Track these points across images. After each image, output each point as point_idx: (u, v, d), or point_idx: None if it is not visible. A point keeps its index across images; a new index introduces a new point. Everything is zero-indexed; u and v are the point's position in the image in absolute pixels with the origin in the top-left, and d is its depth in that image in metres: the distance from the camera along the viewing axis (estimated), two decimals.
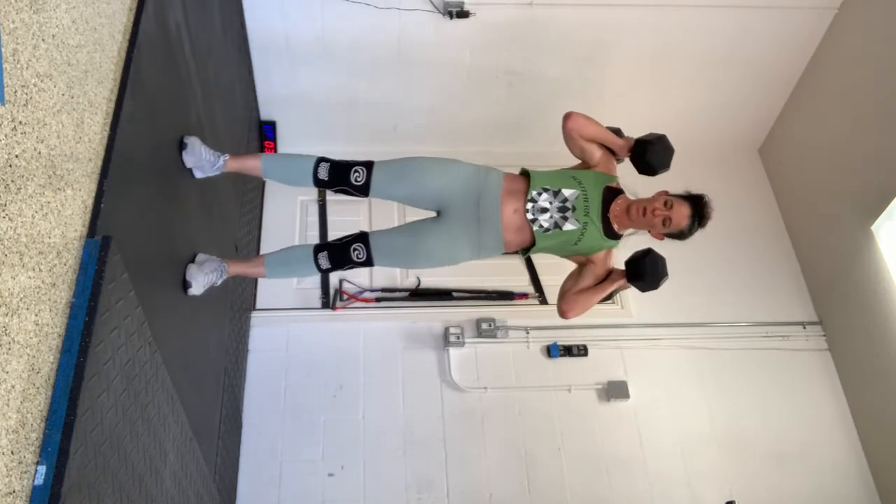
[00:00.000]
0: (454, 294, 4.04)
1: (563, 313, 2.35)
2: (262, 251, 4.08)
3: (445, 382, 3.81)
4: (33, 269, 1.38)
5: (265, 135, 4.28)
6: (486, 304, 4.07)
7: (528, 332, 3.94)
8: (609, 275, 2.41)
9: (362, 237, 2.41)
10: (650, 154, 2.34)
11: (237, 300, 3.51)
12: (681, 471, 3.70)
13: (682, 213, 2.29)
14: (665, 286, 4.29)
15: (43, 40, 1.44)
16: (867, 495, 3.75)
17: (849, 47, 3.93)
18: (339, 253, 2.40)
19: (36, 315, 1.39)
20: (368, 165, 2.34)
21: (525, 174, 2.38)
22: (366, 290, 4.05)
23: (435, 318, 3.94)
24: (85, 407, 1.49)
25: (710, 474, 3.71)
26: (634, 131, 5.10)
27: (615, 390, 3.81)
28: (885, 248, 3.61)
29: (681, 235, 2.36)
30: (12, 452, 1.29)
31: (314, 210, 4.32)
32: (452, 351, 3.85)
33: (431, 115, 4.35)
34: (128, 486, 1.80)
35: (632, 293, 4.17)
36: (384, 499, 3.51)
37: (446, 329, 3.87)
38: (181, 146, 2.40)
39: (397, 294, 4.06)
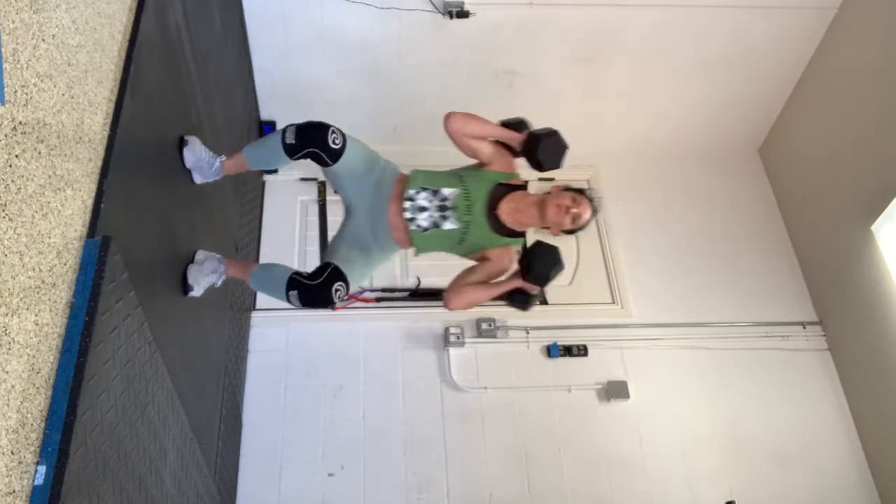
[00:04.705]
0: None
1: (445, 303, 2.29)
2: (262, 251, 4.09)
3: (445, 382, 3.81)
4: (33, 269, 1.38)
5: (265, 135, 4.27)
6: (487, 303, 4.05)
7: (528, 332, 3.94)
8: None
9: (339, 273, 2.21)
10: (540, 149, 2.27)
11: (237, 300, 3.51)
12: (681, 471, 3.70)
13: (586, 209, 2.27)
14: (667, 286, 4.32)
15: (43, 40, 1.44)
16: (867, 495, 3.75)
17: (849, 47, 3.93)
18: (315, 293, 2.18)
19: (36, 315, 1.39)
20: (342, 134, 2.22)
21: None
22: (366, 290, 4.05)
23: (435, 318, 3.94)
24: (85, 407, 1.49)
25: (710, 474, 3.71)
26: (635, 131, 5.12)
27: (615, 390, 3.81)
28: (885, 248, 3.61)
29: (576, 231, 2.31)
30: (12, 452, 1.29)
31: (314, 210, 4.32)
32: (452, 351, 3.85)
33: (431, 115, 4.32)
34: (128, 486, 1.80)
35: (632, 293, 4.18)
36: (384, 499, 3.51)
37: (446, 329, 3.87)
38: (181, 144, 2.40)
39: (397, 294, 4.06)
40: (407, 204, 2.26)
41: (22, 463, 1.33)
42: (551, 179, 4.61)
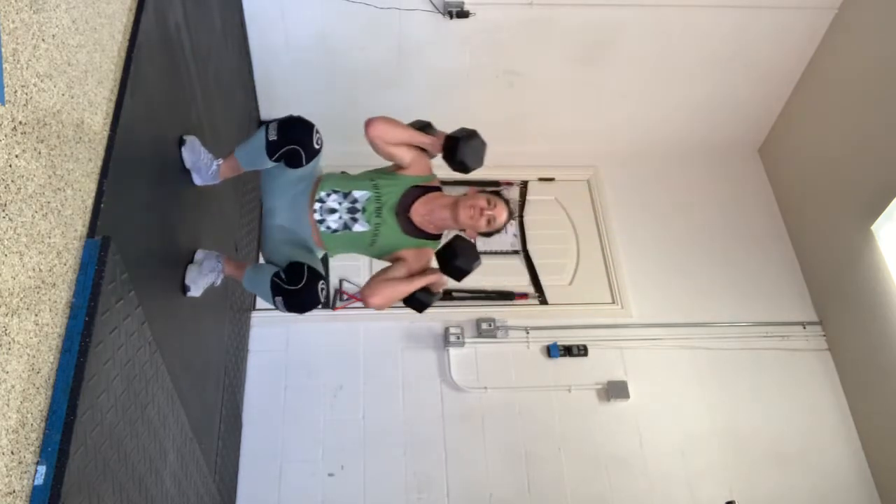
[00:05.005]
0: (454, 294, 4.04)
1: (364, 299, 2.22)
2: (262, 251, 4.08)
3: (445, 382, 3.81)
4: (33, 270, 1.38)
5: None
6: (486, 304, 4.07)
7: (528, 332, 3.94)
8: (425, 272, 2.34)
9: (316, 272, 2.17)
10: (461, 152, 2.23)
11: (237, 300, 3.51)
12: (681, 470, 3.70)
13: (502, 210, 2.25)
14: (667, 286, 4.32)
15: (43, 40, 1.44)
16: (867, 495, 3.75)
17: (849, 47, 3.93)
18: (298, 297, 2.12)
19: (36, 315, 1.39)
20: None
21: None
22: None
23: (435, 318, 3.94)
24: (85, 407, 1.49)
25: (710, 474, 3.71)
26: (635, 131, 5.12)
27: (615, 390, 3.81)
28: (885, 248, 3.61)
29: (493, 233, 2.29)
30: (12, 452, 1.29)
31: None
32: (452, 351, 3.85)
33: (431, 115, 4.32)
34: (128, 486, 1.80)
35: (632, 293, 4.18)
36: (384, 499, 3.51)
37: (446, 329, 3.87)
38: (181, 143, 2.40)
39: None
40: (317, 205, 2.27)
41: (22, 463, 1.33)
42: (552, 180, 4.63)
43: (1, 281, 1.27)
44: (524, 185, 4.50)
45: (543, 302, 4.13)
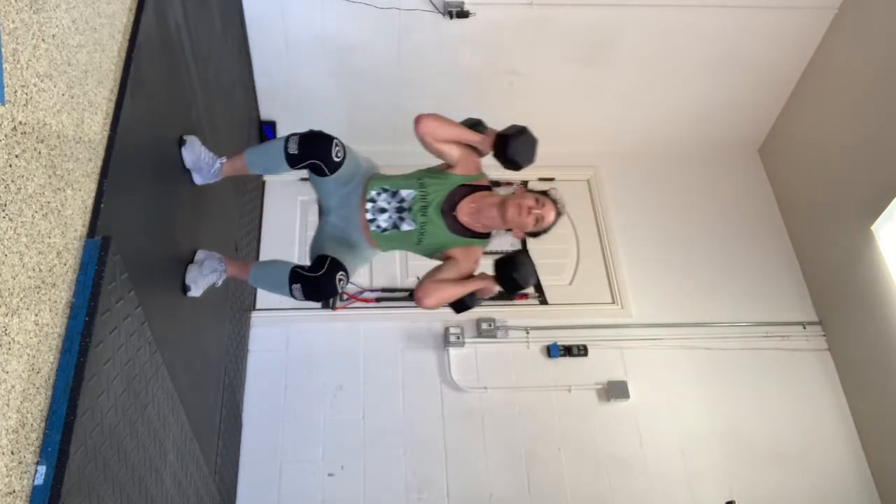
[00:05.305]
0: None
1: (418, 300, 2.24)
2: (262, 251, 4.09)
3: (445, 382, 3.81)
4: (33, 269, 1.38)
5: (265, 135, 4.28)
6: (486, 303, 4.05)
7: (528, 332, 3.94)
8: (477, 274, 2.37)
9: (339, 263, 2.22)
10: (512, 150, 2.24)
11: (237, 300, 3.51)
12: (681, 471, 3.70)
13: (550, 210, 2.27)
14: (667, 286, 4.32)
15: (43, 40, 1.44)
16: (867, 495, 3.75)
17: (849, 47, 3.93)
18: (318, 284, 2.19)
19: (36, 315, 1.39)
20: (343, 146, 2.25)
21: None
22: (366, 290, 4.05)
23: (435, 318, 3.94)
24: (85, 407, 1.49)
25: (710, 474, 3.71)
26: (635, 131, 5.11)
27: (615, 390, 3.81)
28: (885, 248, 3.61)
29: (541, 233, 2.31)
30: (12, 452, 1.29)
31: (314, 210, 4.31)
32: (452, 351, 3.85)
33: None
34: (128, 486, 1.80)
35: (632, 293, 4.18)
36: (384, 499, 3.52)
37: (446, 329, 3.87)
38: (181, 143, 2.40)
39: (397, 294, 4.06)
40: (368, 205, 2.30)
41: (22, 463, 1.33)
42: (552, 179, 4.63)
43: (1, 281, 1.26)
44: (524, 185, 4.49)
45: (543, 302, 4.13)
